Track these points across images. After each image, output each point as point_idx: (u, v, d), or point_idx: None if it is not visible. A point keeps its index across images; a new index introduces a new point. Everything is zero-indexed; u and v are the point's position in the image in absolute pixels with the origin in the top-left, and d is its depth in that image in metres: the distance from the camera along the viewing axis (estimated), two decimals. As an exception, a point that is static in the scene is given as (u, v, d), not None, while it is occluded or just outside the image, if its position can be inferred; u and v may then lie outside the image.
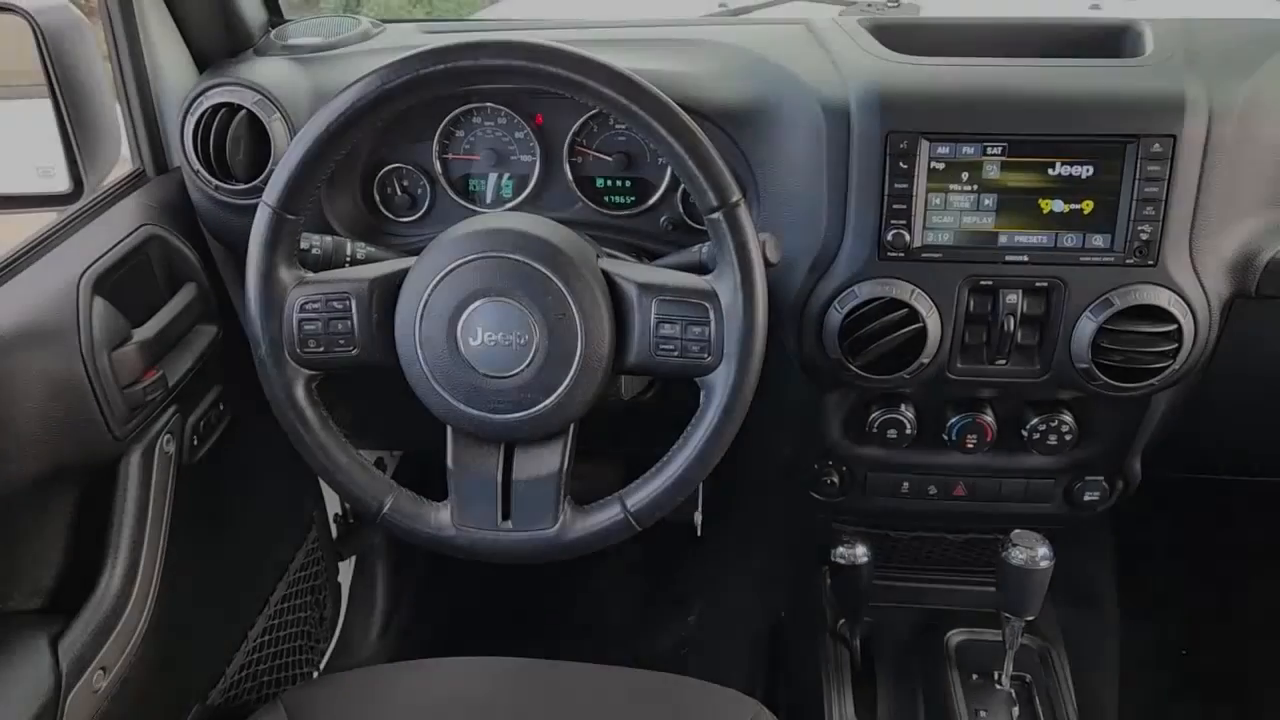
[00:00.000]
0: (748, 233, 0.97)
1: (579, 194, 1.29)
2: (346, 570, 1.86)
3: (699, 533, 1.27)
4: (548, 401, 1.00)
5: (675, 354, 1.00)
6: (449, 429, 1.05)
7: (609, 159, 1.28)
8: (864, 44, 1.19)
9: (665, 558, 2.10)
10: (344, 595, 1.83)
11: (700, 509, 1.28)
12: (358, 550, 1.86)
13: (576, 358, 0.99)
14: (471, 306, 0.99)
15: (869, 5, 1.45)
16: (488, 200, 1.32)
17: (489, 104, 1.28)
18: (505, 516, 1.05)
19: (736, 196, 0.96)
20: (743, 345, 0.97)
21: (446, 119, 1.29)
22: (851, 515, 1.48)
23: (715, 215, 0.97)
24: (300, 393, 1.04)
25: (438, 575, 2.04)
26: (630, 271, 1.02)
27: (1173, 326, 1.12)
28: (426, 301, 1.00)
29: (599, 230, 1.29)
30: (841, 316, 1.15)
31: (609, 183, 1.30)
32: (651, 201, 1.29)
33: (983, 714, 1.38)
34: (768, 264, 1.05)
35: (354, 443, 1.72)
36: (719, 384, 0.99)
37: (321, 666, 1.73)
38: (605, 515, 1.04)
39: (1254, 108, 1.11)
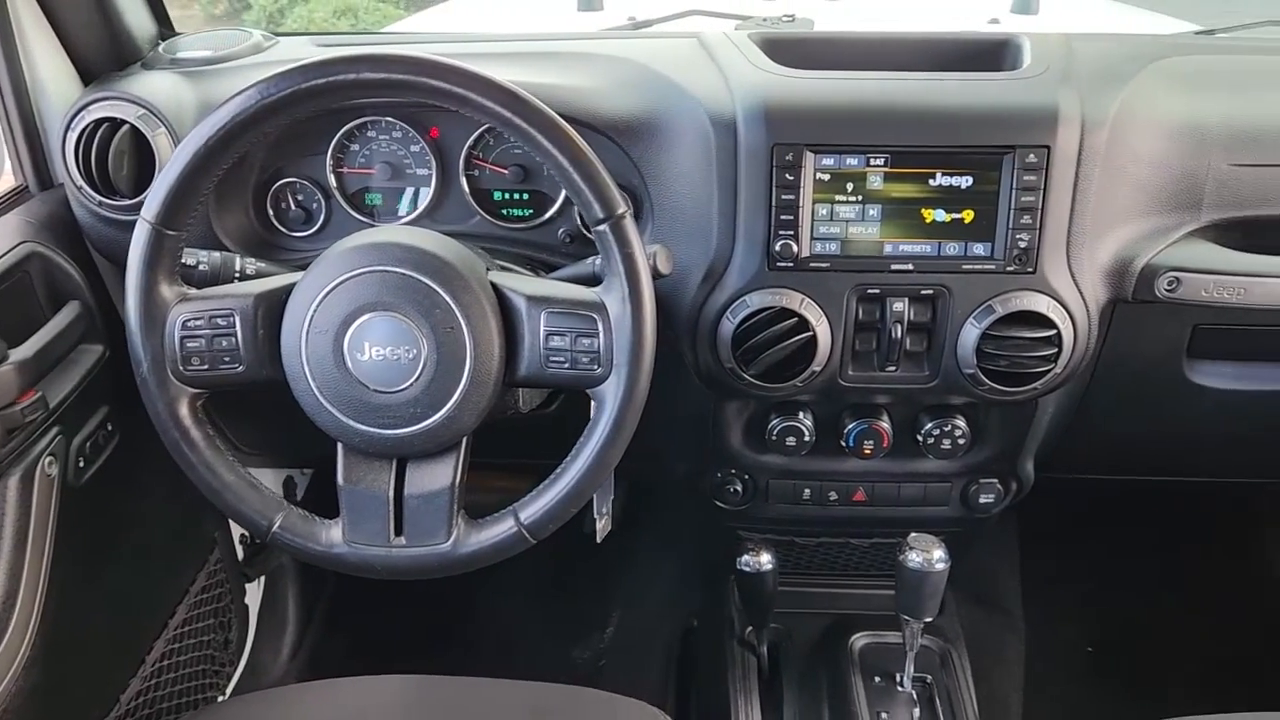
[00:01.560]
0: (634, 244, 0.98)
1: (476, 207, 1.29)
2: (255, 592, 1.83)
3: (599, 539, 1.27)
4: (438, 415, 0.99)
5: (565, 365, 1.00)
6: (339, 445, 1.04)
7: (505, 172, 1.28)
8: (752, 58, 1.21)
9: (584, 569, 2.10)
10: (252, 617, 1.79)
11: (598, 517, 1.28)
12: (266, 571, 1.83)
13: (466, 371, 0.98)
14: (358, 321, 0.98)
15: (764, 21, 1.47)
16: (384, 214, 1.31)
17: (383, 117, 1.28)
18: (398, 532, 1.04)
19: (622, 209, 0.97)
20: (632, 356, 0.98)
21: (340, 132, 1.28)
22: (757, 523, 1.49)
23: (601, 227, 0.97)
24: (184, 411, 1.02)
25: (351, 594, 2.02)
26: (519, 284, 1.02)
27: (1052, 332, 1.15)
28: (312, 317, 0.99)
29: (497, 243, 1.29)
30: (734, 326, 1.16)
31: (506, 196, 1.30)
32: (549, 214, 1.29)
33: (884, 716, 1.39)
34: (659, 275, 1.06)
35: (262, 460, 1.71)
36: (609, 395, 1.00)
37: (228, 691, 1.70)
38: (499, 529, 1.03)
39: (1125, 119, 1.15)
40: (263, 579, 1.85)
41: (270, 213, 1.31)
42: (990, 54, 1.26)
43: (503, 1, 2.61)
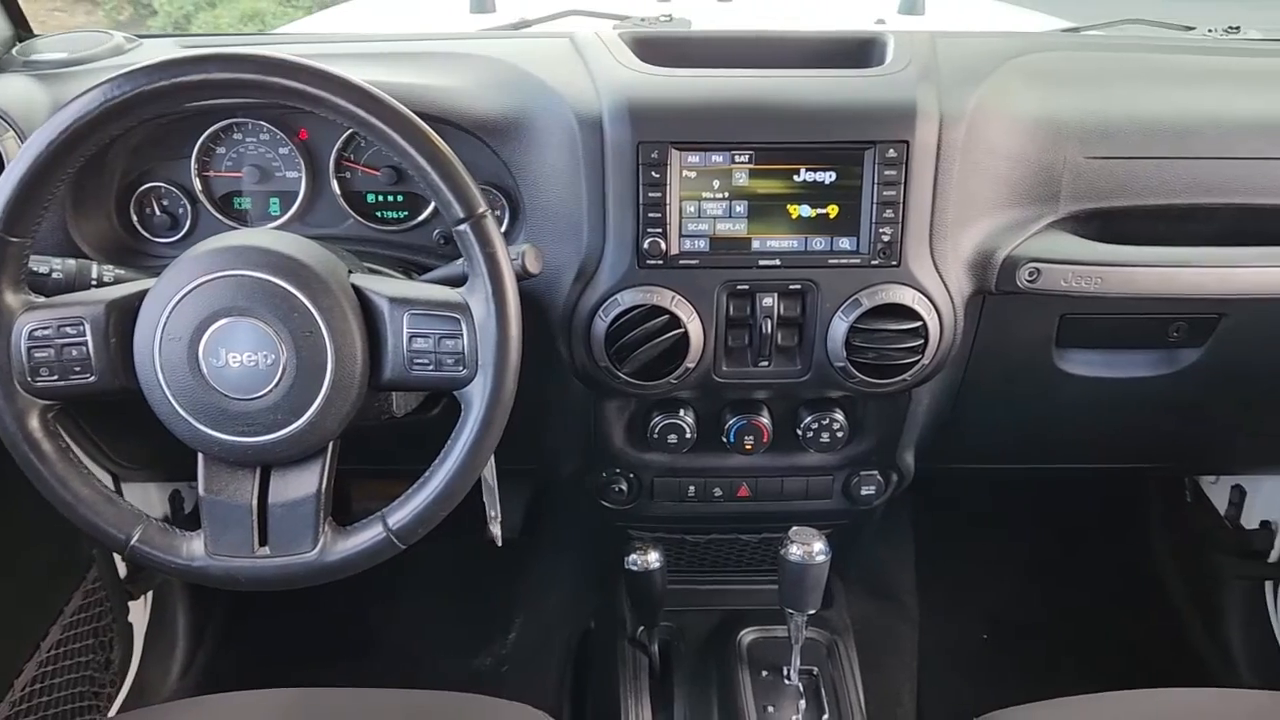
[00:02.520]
0: (496, 244, 0.97)
1: (349, 210, 1.27)
2: (140, 610, 1.78)
3: (499, 543, 1.26)
4: (300, 422, 0.98)
5: (430, 367, 0.99)
6: (199, 455, 1.01)
7: (378, 174, 1.26)
8: (620, 56, 1.21)
9: (488, 575, 2.09)
10: (137, 636, 1.74)
11: (499, 520, 1.27)
12: (151, 587, 1.78)
13: (327, 376, 0.97)
14: (213, 327, 0.96)
15: (642, 21, 1.48)
16: (256, 218, 1.29)
17: (250, 119, 1.25)
18: (262, 542, 1.02)
19: (482, 208, 0.97)
20: (498, 357, 0.97)
21: (205, 135, 1.25)
22: (646, 521, 1.49)
23: (462, 227, 0.97)
24: (34, 424, 0.98)
25: (247, 608, 1.98)
26: (382, 286, 1.01)
27: (918, 324, 1.17)
28: (165, 323, 0.96)
29: (372, 246, 1.27)
30: (606, 325, 1.16)
31: (380, 198, 1.28)
32: (424, 216, 1.28)
33: (770, 710, 1.41)
34: (528, 275, 1.06)
35: (144, 475, 1.66)
36: (476, 396, 0.99)
37: (112, 713, 1.65)
38: (367, 535, 1.02)
39: (983, 114, 1.18)
40: (149, 596, 1.79)
41: (134, 218, 1.27)
42: (857, 52, 1.28)
43: (401, 3, 2.59)
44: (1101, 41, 1.49)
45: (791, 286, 1.18)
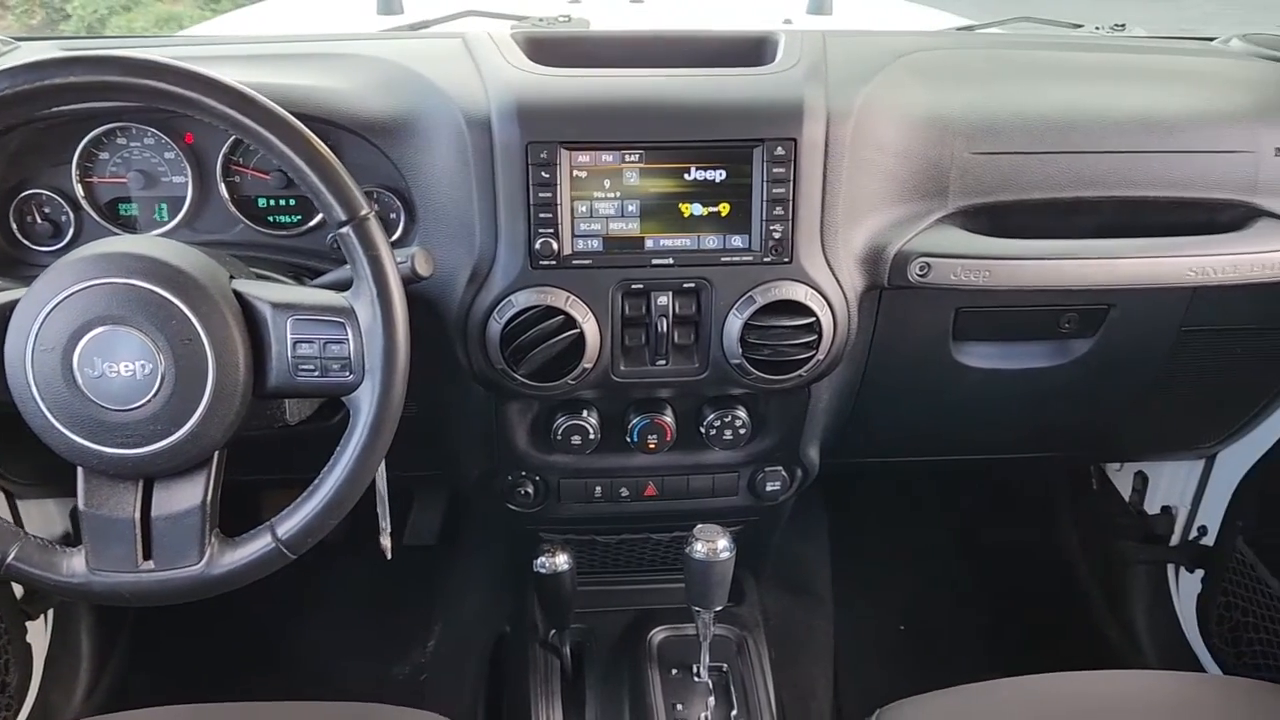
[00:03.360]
0: (380, 246, 0.96)
1: (239, 215, 1.25)
2: (41, 630, 1.72)
3: (389, 555, 1.24)
4: (181, 432, 0.96)
5: (316, 373, 0.98)
6: (79, 469, 0.98)
7: (268, 177, 1.24)
8: (510, 56, 1.21)
9: (405, 582, 2.07)
10: (36, 658, 1.69)
11: (388, 532, 1.25)
12: (50, 606, 1.72)
13: (209, 384, 0.95)
14: (87, 336, 0.93)
15: (540, 21, 1.47)
16: (144, 225, 1.26)
17: (133, 124, 1.22)
18: (146, 556, 1.00)
19: (365, 210, 0.96)
20: (385, 361, 0.96)
21: (86, 140, 1.21)
22: (555, 523, 1.49)
23: (344, 230, 0.96)
24: None
25: (157, 622, 1.93)
26: (264, 291, 0.99)
27: (811, 319, 1.18)
28: (37, 333, 0.94)
29: (264, 251, 1.25)
30: (501, 327, 1.16)
31: (271, 202, 1.26)
32: (317, 220, 1.26)
33: (679, 707, 1.41)
34: (418, 278, 1.05)
35: (42, 491, 1.61)
36: (364, 401, 0.98)
37: (11, 737, 1.60)
38: (255, 546, 1.00)
39: (870, 111, 1.20)
40: (50, 615, 1.74)
41: (14, 227, 1.23)
42: (749, 52, 1.29)
43: (311, 5, 2.55)
44: (992, 39, 1.52)
45: (686, 285, 1.18)
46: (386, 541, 1.28)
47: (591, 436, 1.30)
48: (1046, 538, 2.18)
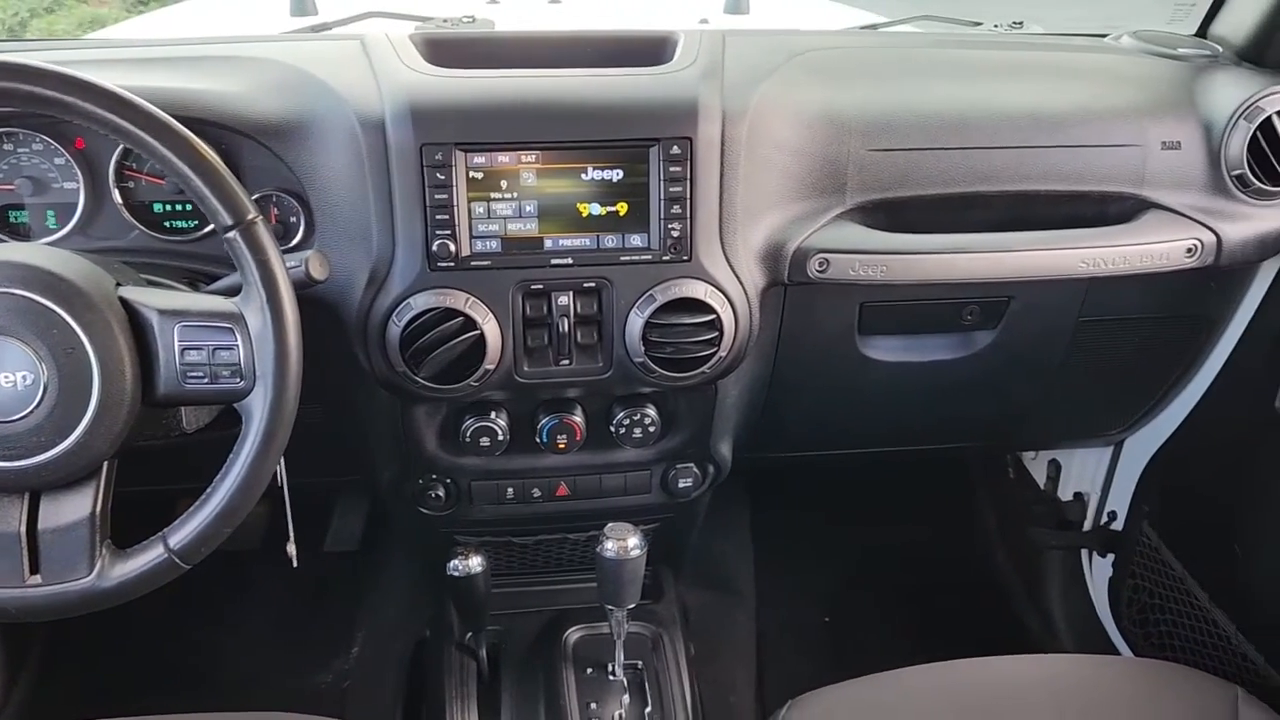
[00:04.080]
0: (268, 250, 0.95)
1: (133, 221, 1.23)
2: (-55, 648, 1.68)
3: (295, 563, 1.23)
4: (66, 443, 0.94)
5: (205, 381, 0.97)
6: None
7: (162, 183, 1.22)
8: (406, 58, 1.20)
9: (329, 589, 2.04)
10: (-59, 676, 1.65)
11: (293, 540, 1.24)
12: None
13: (94, 394, 0.93)
14: None
15: (444, 22, 1.46)
16: (36, 232, 1.23)
17: (19, 129, 1.19)
18: (34, 570, 0.97)
19: (252, 214, 0.94)
20: (277, 367, 0.95)
21: None
22: (468, 526, 1.48)
23: (231, 234, 0.94)
24: None
25: (72, 638, 1.89)
26: (151, 298, 0.98)
27: (712, 317, 1.19)
28: None
29: (160, 258, 1.23)
30: (400, 329, 1.15)
31: (167, 207, 1.24)
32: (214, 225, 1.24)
33: (593, 706, 1.41)
34: (314, 281, 1.04)
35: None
36: (256, 408, 0.97)
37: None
38: (147, 557, 0.98)
39: (766, 110, 1.21)
40: None
41: None
42: (649, 52, 1.29)
43: (226, 7, 2.52)
44: (892, 38, 1.54)
45: (586, 284, 1.18)
46: (292, 549, 1.26)
47: (501, 438, 1.30)
48: (966, 526, 2.22)
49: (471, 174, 1.13)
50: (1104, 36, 1.51)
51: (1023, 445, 1.98)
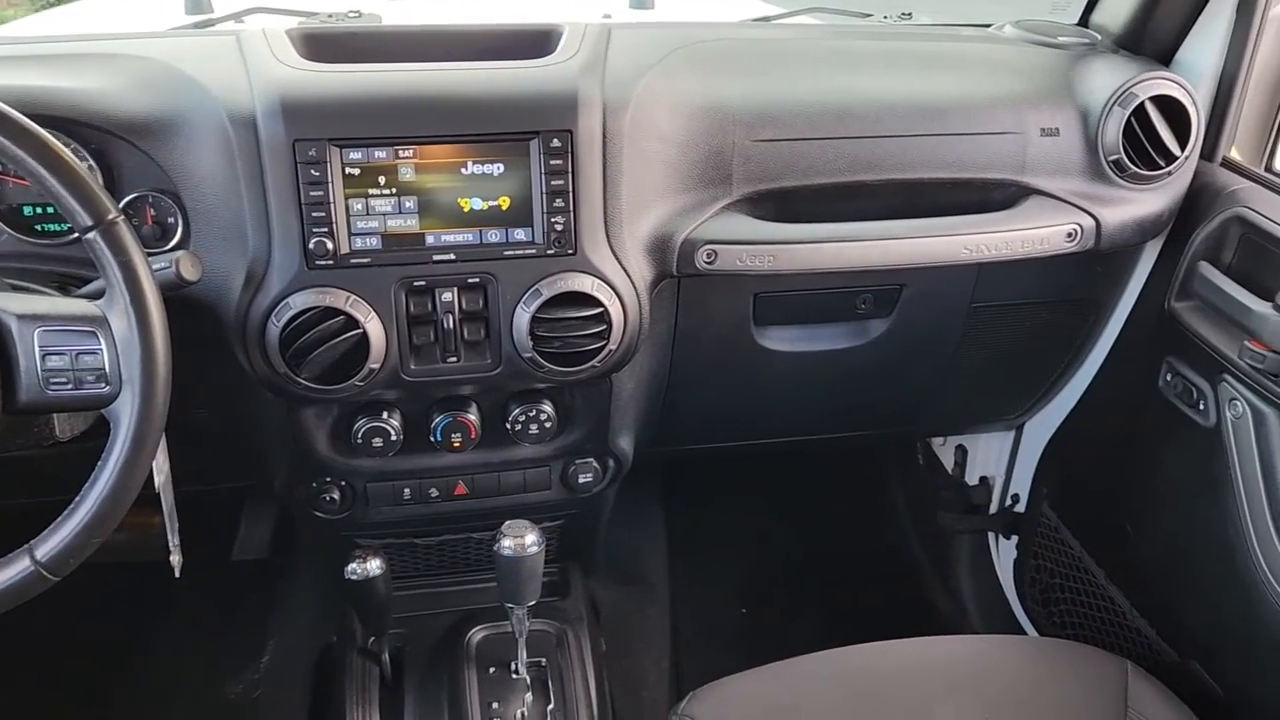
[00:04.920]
0: (131, 251, 0.92)
1: (2, 225, 1.19)
2: None
3: (177, 574, 1.20)
4: None
5: (69, 386, 0.94)
6: None
7: (29, 184, 1.18)
8: (280, 53, 1.17)
9: (239, 598, 2.00)
10: None
11: (177, 550, 1.21)
12: None
13: None
14: None
15: (330, 17, 1.44)
16: None
17: None
18: None
19: (112, 214, 0.92)
20: (144, 371, 0.92)
21: None
22: (369, 528, 1.46)
23: (91, 235, 0.91)
24: None
25: None
26: (8, 303, 0.94)
27: (599, 310, 1.18)
28: None
29: (32, 262, 1.19)
30: (280, 329, 1.13)
31: (37, 210, 1.20)
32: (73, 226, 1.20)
33: (495, 705, 1.40)
34: (185, 283, 1.01)
35: None
36: (124, 414, 0.94)
37: None
38: (12, 570, 0.95)
39: (648, 102, 1.20)
40: None
41: None
42: (532, 45, 1.28)
43: (120, 3, 2.46)
44: (781, 30, 1.55)
45: (471, 280, 1.17)
46: (176, 559, 1.23)
47: (394, 438, 1.28)
48: (879, 513, 2.25)
49: (348, 170, 1.11)
50: (988, 26, 1.53)
51: (926, 432, 2.00)
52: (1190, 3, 1.38)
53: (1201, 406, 1.35)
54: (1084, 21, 1.53)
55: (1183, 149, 1.32)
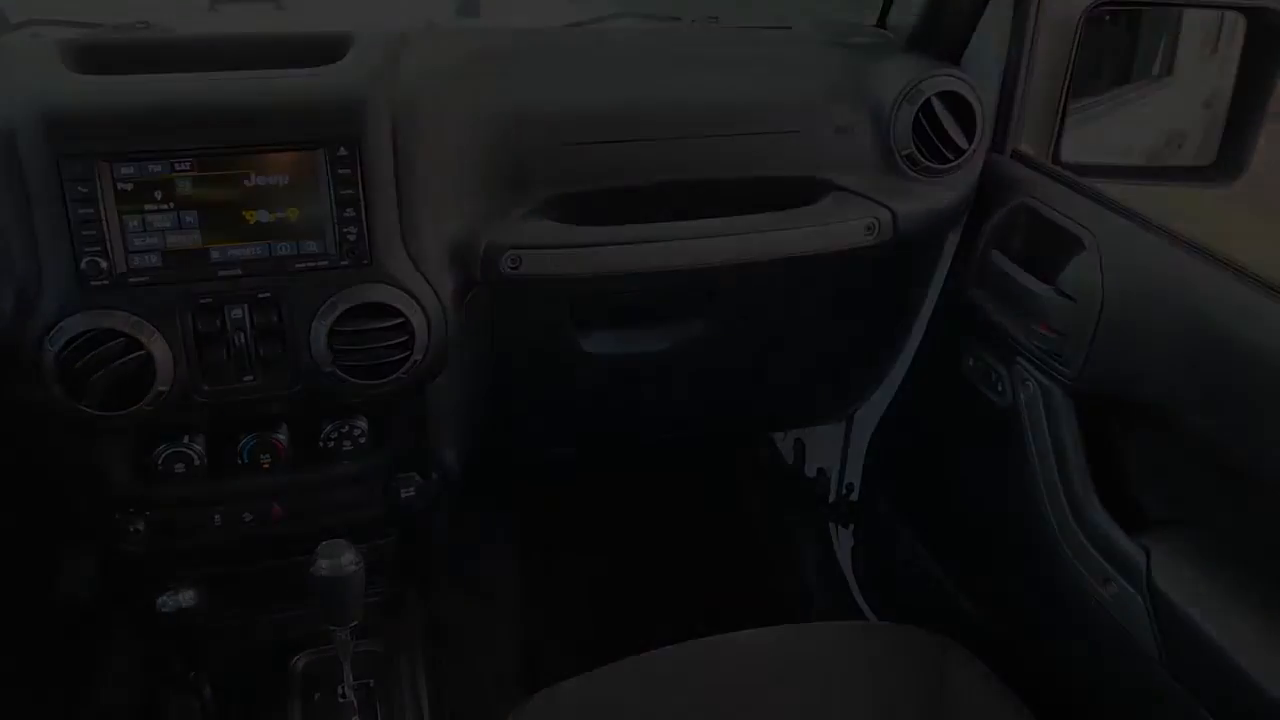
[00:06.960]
0: None
1: None
2: None
3: None
4: None
5: None
6: None
7: None
8: (43, 64, 1.11)
9: (59, 645, 1.89)
10: None
11: None
12: None
13: None
14: None
15: (114, 29, 1.38)
16: None
17: None
18: None
19: None
20: None
21: None
22: (182, 560, 1.40)
23: None
24: None
25: None
26: None
27: (400, 320, 1.16)
28: None
29: None
30: (55, 354, 1.07)
31: None
32: None
33: None
34: None
35: None
36: None
37: None
38: None
39: (443, 108, 1.19)
40: None
41: None
42: (325, 51, 1.25)
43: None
44: (588, 34, 1.55)
45: (261, 295, 1.13)
46: None
47: (198, 463, 1.23)
48: (730, 509, 2.27)
49: (120, 186, 1.07)
50: (789, 28, 1.57)
51: (759, 427, 2.04)
52: (974, 1, 1.44)
53: (1000, 388, 1.41)
54: (881, 22, 1.58)
55: (969, 142, 1.38)
